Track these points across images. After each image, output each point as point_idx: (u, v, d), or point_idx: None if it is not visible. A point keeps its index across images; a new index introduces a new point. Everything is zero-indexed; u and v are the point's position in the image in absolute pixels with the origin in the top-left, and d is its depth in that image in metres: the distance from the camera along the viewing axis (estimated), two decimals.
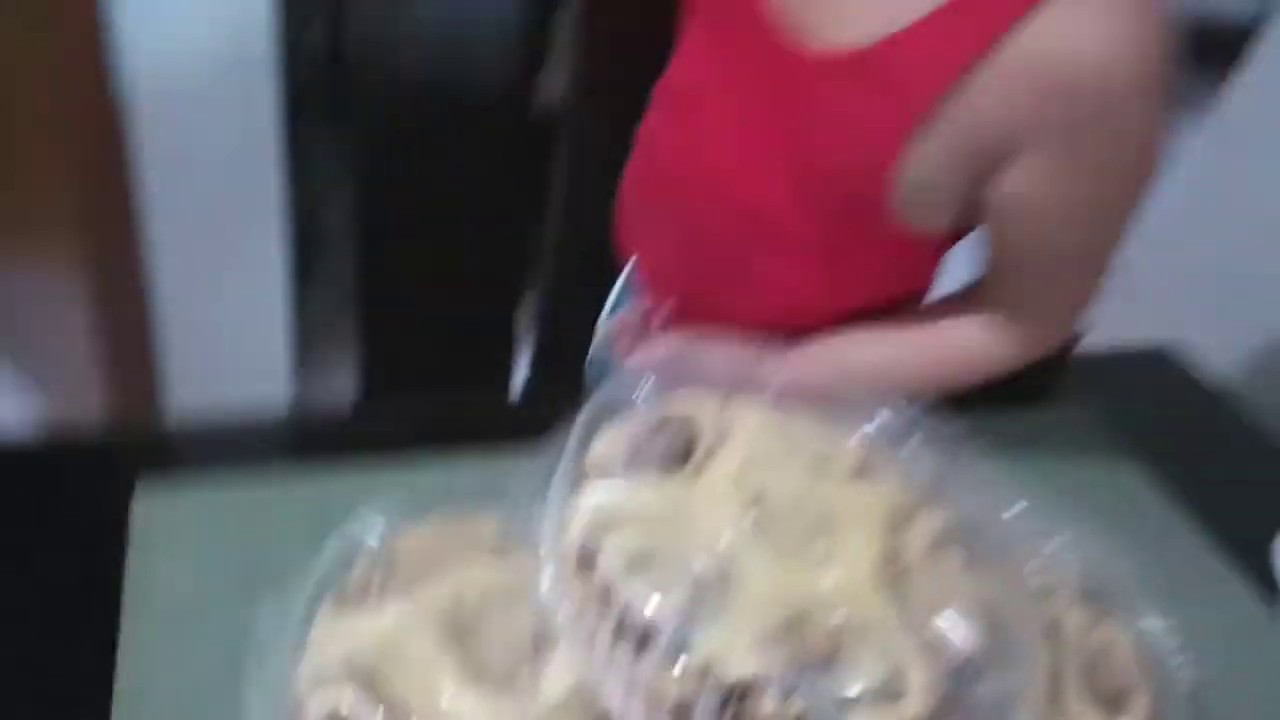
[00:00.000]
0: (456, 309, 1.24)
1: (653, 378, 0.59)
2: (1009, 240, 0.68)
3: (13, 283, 1.41)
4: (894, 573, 0.49)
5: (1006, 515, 0.57)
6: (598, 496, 0.51)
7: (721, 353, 0.74)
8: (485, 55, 1.16)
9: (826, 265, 0.74)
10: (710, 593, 0.46)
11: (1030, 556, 0.58)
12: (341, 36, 1.91)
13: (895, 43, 0.60)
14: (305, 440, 0.80)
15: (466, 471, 0.60)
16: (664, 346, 0.78)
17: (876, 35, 0.61)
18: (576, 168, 1.11)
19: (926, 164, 0.62)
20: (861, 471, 0.55)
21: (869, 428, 0.57)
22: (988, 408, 0.68)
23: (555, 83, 1.31)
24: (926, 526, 0.53)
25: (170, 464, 0.71)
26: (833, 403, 0.57)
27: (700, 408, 0.57)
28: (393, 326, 1.26)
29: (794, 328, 0.77)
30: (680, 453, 0.54)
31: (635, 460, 0.53)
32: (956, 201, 0.66)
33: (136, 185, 1.22)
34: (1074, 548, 0.61)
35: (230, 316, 1.34)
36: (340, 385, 1.52)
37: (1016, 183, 0.62)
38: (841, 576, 0.48)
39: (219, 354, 1.34)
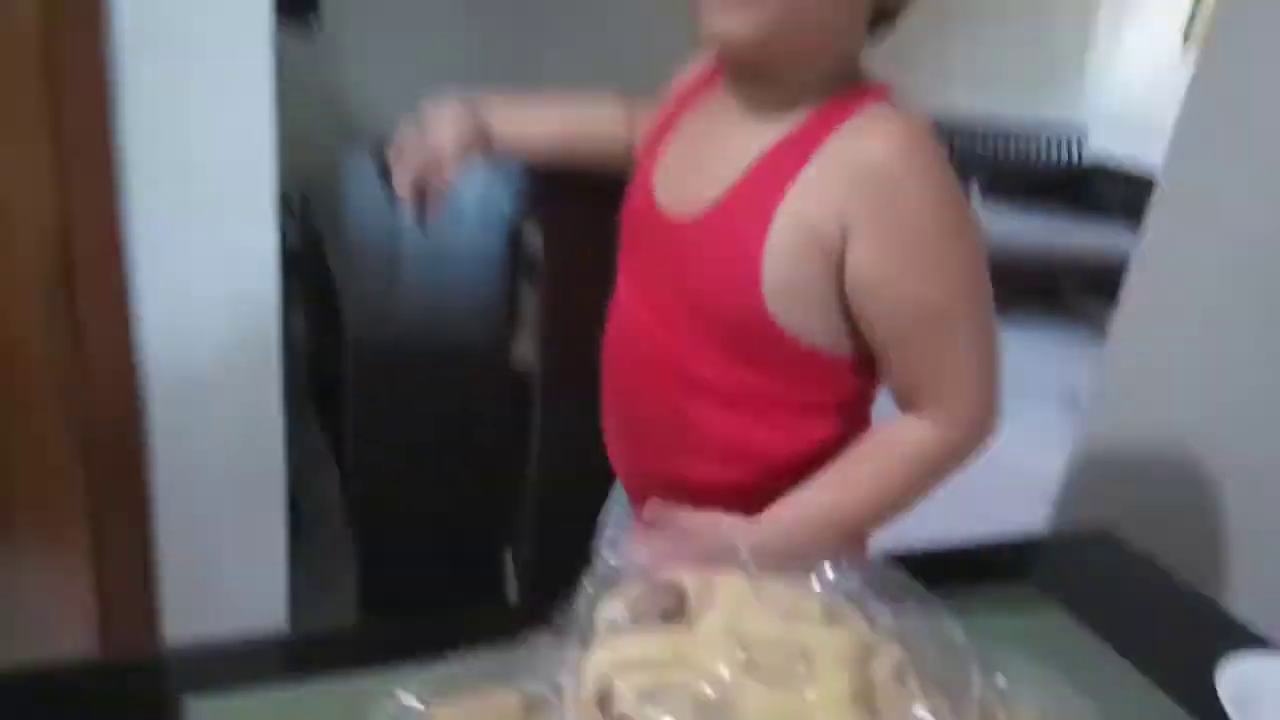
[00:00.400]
0: (449, 536, 1.32)
1: (644, 557, 0.69)
2: (879, 324, 0.78)
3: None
4: (865, 694, 0.58)
5: (959, 652, 0.65)
6: (608, 647, 0.60)
7: (698, 529, 0.82)
8: (469, 323, 1.30)
9: (754, 405, 0.83)
10: (713, 716, 0.54)
11: (983, 688, 0.66)
12: (339, 312, 2.11)
13: (736, 190, 0.78)
14: (312, 656, 0.85)
15: (483, 660, 0.68)
16: (650, 540, 0.86)
17: (721, 192, 0.79)
18: (552, 405, 1.23)
19: (783, 267, 0.76)
20: (829, 616, 0.64)
21: (832, 580, 0.66)
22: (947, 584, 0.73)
23: (527, 343, 1.47)
24: (888, 659, 0.62)
25: (205, 684, 0.77)
26: (800, 560, 0.67)
27: (687, 576, 0.67)
28: (390, 556, 1.33)
29: (754, 484, 0.84)
30: (674, 612, 0.63)
31: (637, 619, 0.62)
32: (829, 307, 0.78)
33: (147, 457, 1.33)
34: (1029, 684, 0.69)
35: (230, 570, 1.42)
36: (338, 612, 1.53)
37: (858, 264, 0.75)
38: (822, 693, 0.56)
39: (218, 590, 1.40)
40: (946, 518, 2.52)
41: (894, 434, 0.82)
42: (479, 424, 1.32)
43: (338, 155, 2.54)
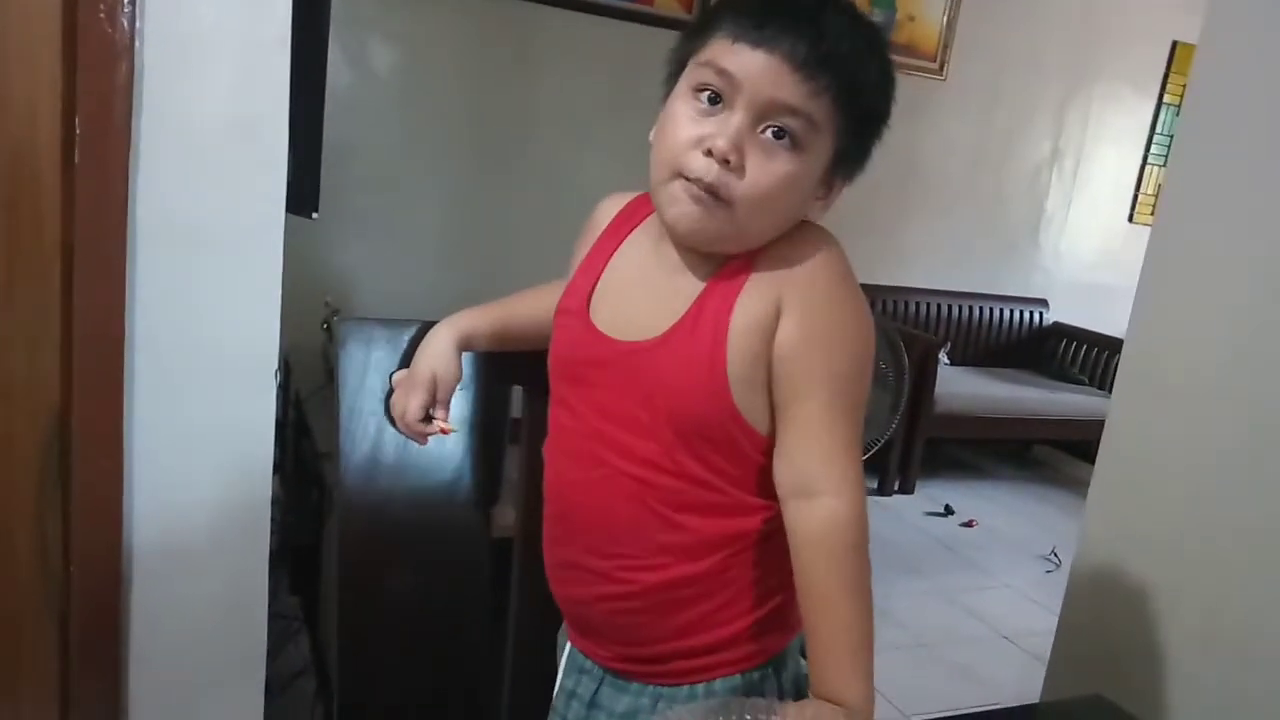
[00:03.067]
0: (430, 708, 1.29)
1: None
2: (787, 384, 0.86)
3: None
4: None
5: None
6: None
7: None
8: (451, 490, 1.31)
9: (709, 492, 0.89)
10: None
11: None
12: (318, 477, 2.10)
13: (694, 309, 0.88)
14: None
15: None
16: None
17: (682, 313, 0.88)
18: (530, 565, 1.23)
19: (743, 363, 0.85)
20: None
21: None
22: None
23: (506, 513, 1.48)
24: None
25: None
26: None
27: None
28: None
29: (698, 573, 0.90)
30: None
31: None
32: (763, 390, 0.87)
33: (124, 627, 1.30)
34: None
35: None
36: None
37: (782, 335, 0.85)
38: None
39: None
40: (941, 685, 2.48)
41: (824, 530, 0.85)
42: (459, 592, 1.30)
43: (321, 322, 2.61)
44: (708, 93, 0.83)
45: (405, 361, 1.05)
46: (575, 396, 0.95)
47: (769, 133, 0.82)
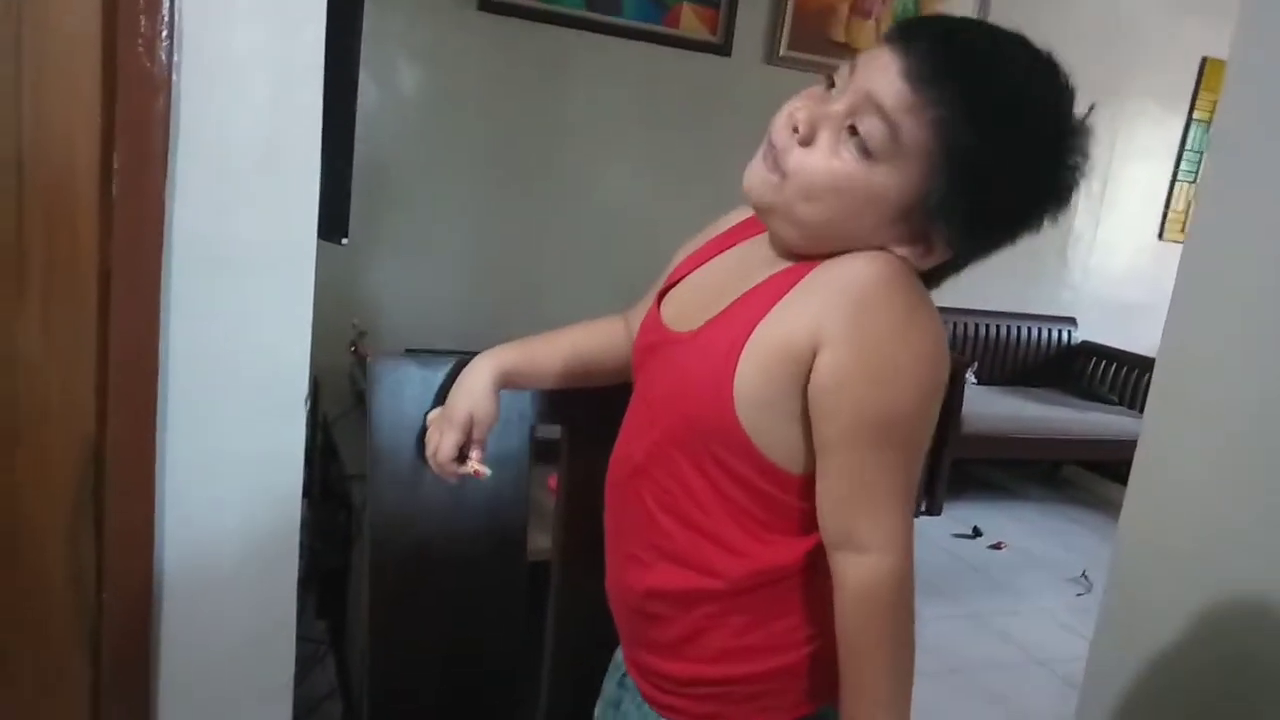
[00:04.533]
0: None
1: None
2: (825, 425, 0.79)
3: None
4: None
5: None
6: None
7: None
8: (488, 518, 1.31)
9: (716, 515, 0.85)
10: None
11: None
12: (346, 501, 2.11)
13: (728, 310, 0.85)
14: None
15: None
16: None
17: (717, 313, 0.85)
18: (564, 601, 1.22)
19: (754, 380, 0.80)
20: None
21: None
22: None
23: (542, 537, 1.47)
24: None
25: None
26: None
27: None
28: None
29: (717, 598, 0.86)
30: None
31: None
32: (794, 422, 0.80)
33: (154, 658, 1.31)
34: None
35: None
36: None
37: (822, 368, 0.77)
38: None
39: None
40: (974, 713, 2.45)
41: (863, 586, 0.80)
42: (491, 616, 1.30)
43: (349, 344, 2.63)
44: (829, 79, 0.82)
45: (440, 396, 1.04)
46: (637, 382, 0.96)
47: (850, 126, 0.78)
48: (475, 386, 1.00)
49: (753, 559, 0.85)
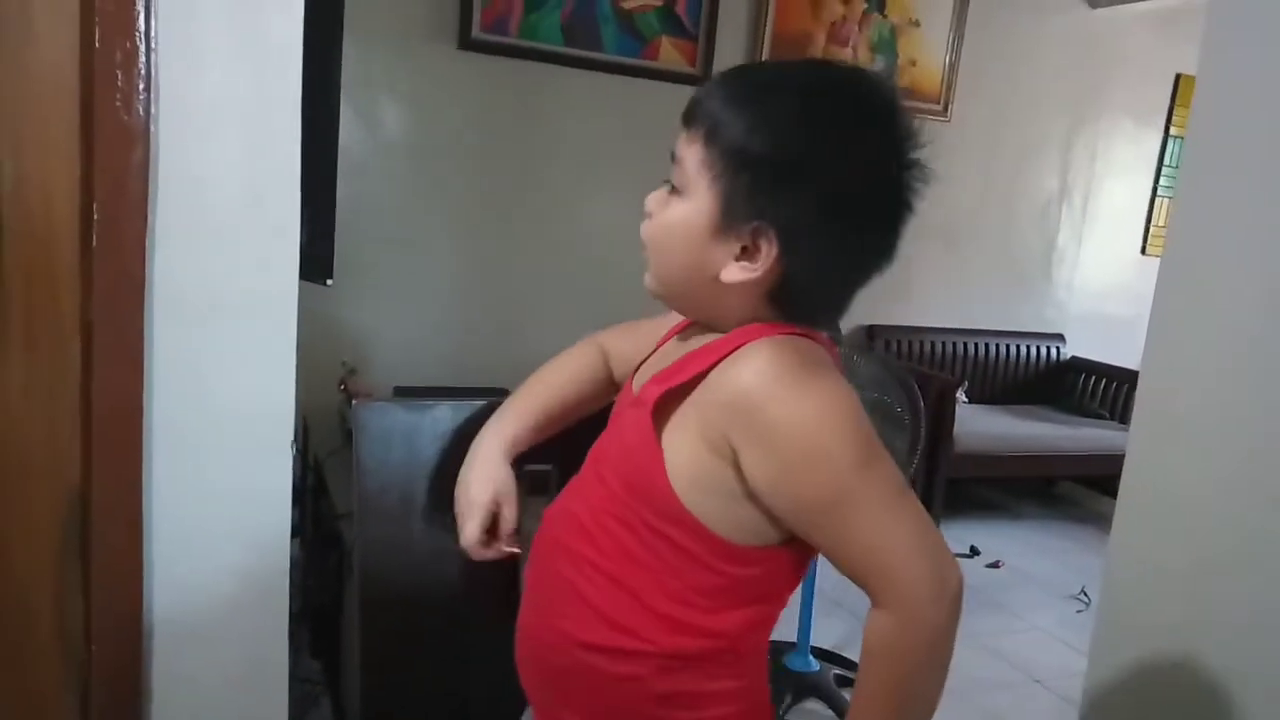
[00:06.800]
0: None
1: None
2: (789, 520, 0.82)
3: None
4: None
5: None
6: None
7: None
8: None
9: (645, 579, 0.86)
10: None
11: None
12: (337, 538, 2.10)
13: (649, 385, 0.88)
14: None
15: None
16: None
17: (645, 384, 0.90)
18: None
19: (683, 455, 0.84)
20: None
21: None
22: None
23: None
24: None
25: None
26: None
27: None
28: None
29: (645, 662, 0.86)
30: None
31: None
32: (732, 501, 0.83)
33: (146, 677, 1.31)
34: None
35: None
36: None
37: (750, 474, 0.81)
38: None
39: None
40: None
41: (878, 640, 0.82)
42: (486, 654, 1.29)
43: (338, 382, 2.63)
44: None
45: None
46: (597, 442, 0.97)
47: (669, 188, 0.87)
48: (489, 465, 1.02)
49: (685, 626, 0.86)
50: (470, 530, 0.99)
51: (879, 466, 0.81)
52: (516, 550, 1.00)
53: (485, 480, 1.01)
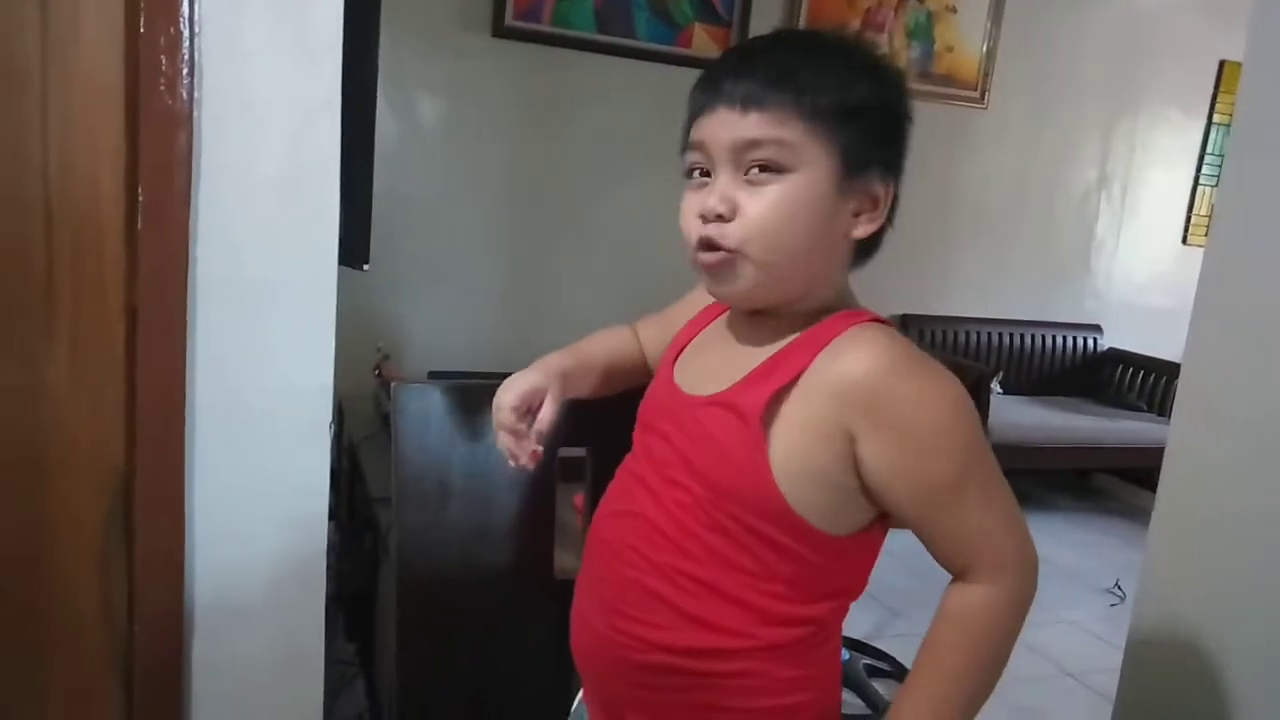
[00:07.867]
0: None
1: None
2: (904, 508, 0.84)
3: None
4: None
5: None
6: None
7: None
8: (514, 541, 1.32)
9: (733, 577, 0.85)
10: None
11: None
12: (373, 523, 2.12)
13: (741, 387, 0.87)
14: None
15: None
16: None
17: (727, 385, 0.88)
18: None
19: (791, 453, 0.83)
20: None
21: None
22: None
23: (569, 556, 1.48)
24: None
25: None
26: None
27: None
28: None
29: (728, 657, 0.86)
30: None
31: None
32: (837, 493, 0.84)
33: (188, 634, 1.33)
34: None
35: None
36: None
37: (868, 463, 0.82)
38: None
39: None
40: None
41: (965, 610, 0.85)
42: (521, 636, 1.30)
43: (373, 368, 2.65)
44: (696, 171, 0.88)
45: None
46: (640, 442, 0.96)
47: (753, 171, 0.84)
48: (530, 371, 1.00)
49: (780, 617, 0.87)
50: (505, 410, 0.96)
51: (988, 445, 0.85)
52: (535, 454, 0.96)
53: (533, 373, 0.99)
